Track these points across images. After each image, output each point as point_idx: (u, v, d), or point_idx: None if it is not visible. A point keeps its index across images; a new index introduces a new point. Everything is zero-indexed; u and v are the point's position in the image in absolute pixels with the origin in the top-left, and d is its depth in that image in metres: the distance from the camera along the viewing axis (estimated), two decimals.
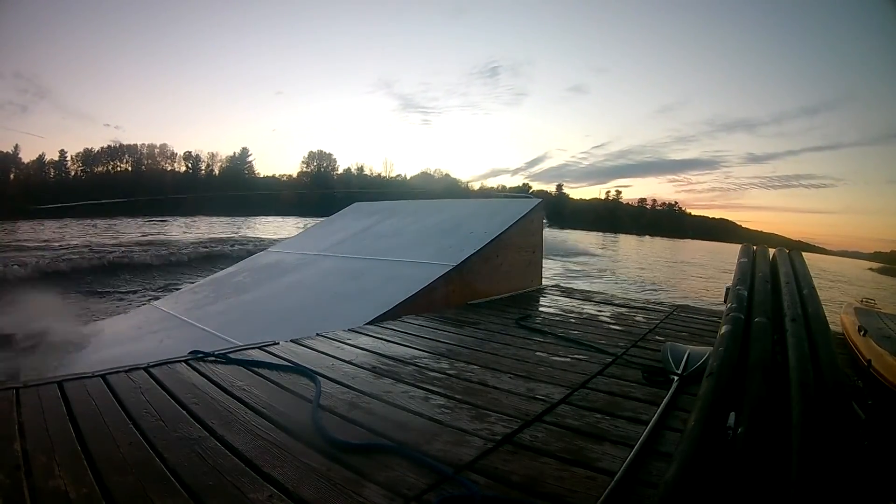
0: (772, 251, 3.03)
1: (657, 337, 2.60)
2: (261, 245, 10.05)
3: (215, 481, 1.00)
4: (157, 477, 1.00)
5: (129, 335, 3.60)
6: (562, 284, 5.29)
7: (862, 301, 3.44)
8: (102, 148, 50.72)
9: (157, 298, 5.10)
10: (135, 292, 7.56)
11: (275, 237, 13.74)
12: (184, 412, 1.34)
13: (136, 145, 51.99)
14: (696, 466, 0.95)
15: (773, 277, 2.47)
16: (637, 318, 3.16)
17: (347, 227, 5.41)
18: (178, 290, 5.20)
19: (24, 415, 1.24)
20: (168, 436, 1.19)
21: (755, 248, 3.04)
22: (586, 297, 4.17)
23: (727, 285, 2.41)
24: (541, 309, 3.44)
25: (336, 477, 1.04)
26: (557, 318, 3.09)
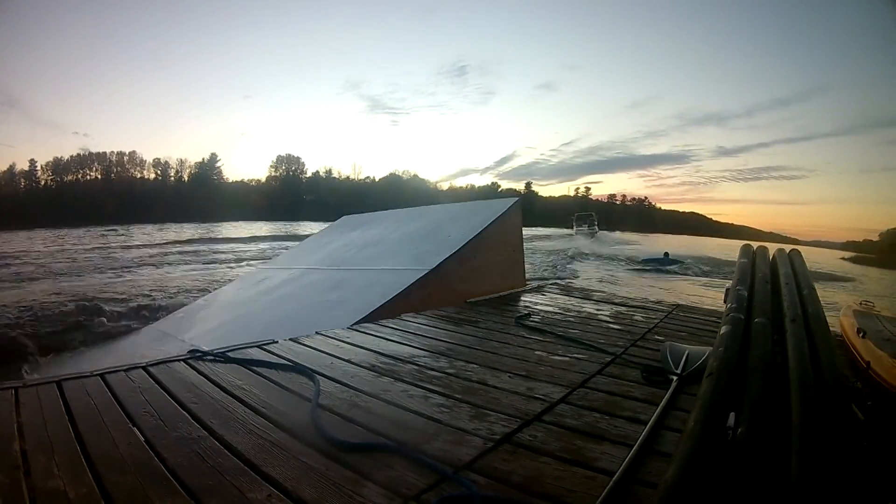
0: (772, 251, 3.03)
1: (656, 336, 2.60)
2: None
3: (214, 481, 1.00)
4: (156, 476, 1.00)
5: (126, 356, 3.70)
6: (560, 283, 5.29)
7: (861, 303, 3.44)
8: (72, 156, 51.09)
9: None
10: None
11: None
12: (183, 411, 1.34)
13: (105, 153, 52.41)
14: (695, 466, 0.95)
15: (772, 278, 2.46)
16: (636, 318, 3.16)
17: (335, 240, 5.50)
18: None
19: (24, 414, 1.24)
20: (167, 435, 1.19)
21: (755, 248, 3.04)
22: (585, 295, 4.17)
23: (727, 285, 2.41)
24: (540, 308, 3.44)
25: (335, 476, 1.04)
26: (557, 317, 3.09)
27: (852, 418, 1.24)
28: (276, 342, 2.08)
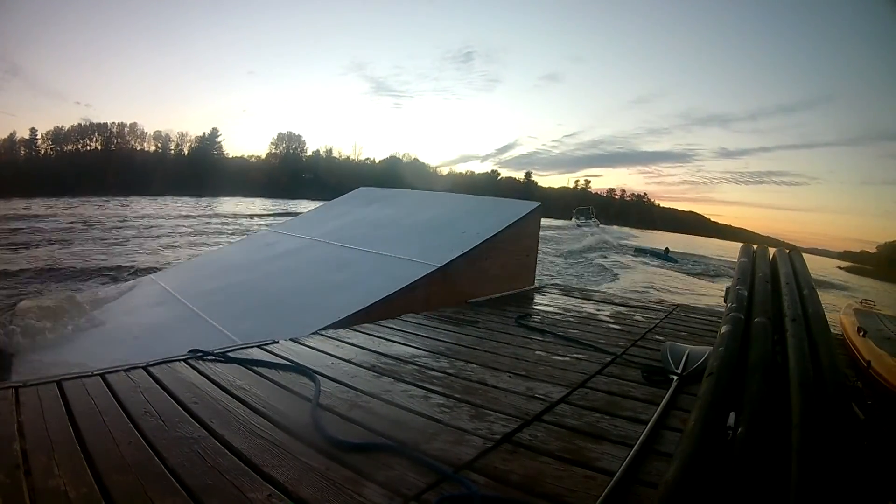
0: (772, 251, 3.03)
1: (657, 336, 2.60)
2: None
3: (215, 481, 1.00)
4: (156, 476, 1.00)
5: (127, 308, 3.79)
6: (561, 283, 5.29)
7: (861, 302, 3.45)
8: (73, 126, 50.26)
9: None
10: None
11: None
12: (183, 411, 1.33)
13: (106, 124, 51.68)
14: (695, 466, 0.95)
15: (773, 277, 2.46)
16: (636, 318, 3.16)
17: (348, 212, 5.39)
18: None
19: (24, 414, 1.24)
20: (167, 435, 1.19)
21: (755, 247, 3.04)
22: (586, 295, 4.17)
23: (727, 285, 2.41)
24: (540, 308, 3.44)
25: (335, 476, 1.04)
26: (557, 317, 3.09)
27: (853, 418, 1.24)
28: (277, 342, 2.08)
